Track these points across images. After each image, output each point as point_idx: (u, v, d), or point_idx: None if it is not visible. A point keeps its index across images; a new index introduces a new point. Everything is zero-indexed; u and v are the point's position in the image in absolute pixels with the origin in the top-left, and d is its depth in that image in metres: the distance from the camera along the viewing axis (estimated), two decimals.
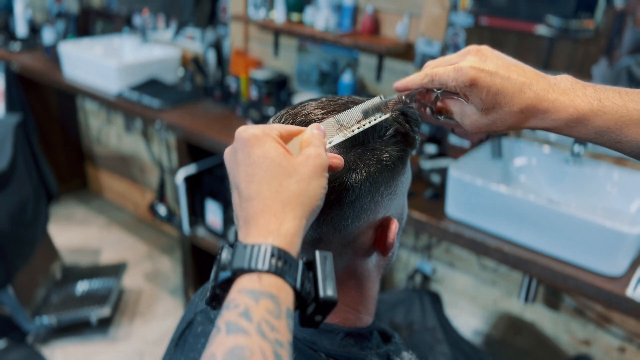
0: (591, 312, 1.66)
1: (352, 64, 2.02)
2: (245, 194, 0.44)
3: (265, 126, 0.48)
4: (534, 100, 0.54)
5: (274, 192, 0.44)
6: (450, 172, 1.37)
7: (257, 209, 0.43)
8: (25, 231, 2.02)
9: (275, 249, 0.41)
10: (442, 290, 1.97)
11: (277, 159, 0.45)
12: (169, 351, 0.76)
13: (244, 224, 0.44)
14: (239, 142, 0.46)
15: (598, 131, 0.53)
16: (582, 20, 1.54)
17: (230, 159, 0.47)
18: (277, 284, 0.41)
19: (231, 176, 0.47)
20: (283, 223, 0.43)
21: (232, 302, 0.40)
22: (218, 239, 2.18)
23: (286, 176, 0.44)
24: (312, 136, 0.49)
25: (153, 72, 2.41)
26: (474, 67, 0.55)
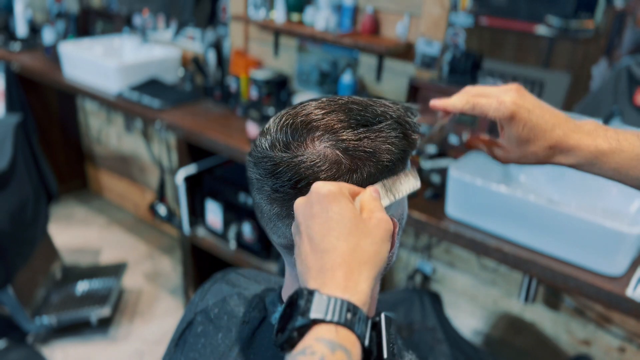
0: (591, 312, 1.66)
1: (352, 64, 2.02)
2: (322, 245, 0.46)
3: (339, 184, 0.51)
4: (562, 138, 0.61)
5: (351, 250, 0.46)
6: (450, 172, 1.37)
7: (334, 262, 0.45)
8: (25, 231, 2.02)
9: (352, 305, 0.43)
10: (442, 290, 1.97)
11: (354, 220, 0.47)
12: (169, 351, 0.77)
13: (317, 273, 0.46)
14: (316, 196, 0.49)
15: (616, 168, 0.60)
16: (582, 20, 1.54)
17: (305, 210, 0.49)
18: (351, 340, 0.43)
19: (303, 226, 0.49)
20: (359, 281, 0.45)
21: (309, 348, 0.41)
22: (218, 239, 2.19)
23: (363, 237, 0.47)
24: (373, 199, 0.51)
25: (153, 72, 2.41)
26: (515, 102, 0.61)
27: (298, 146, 0.55)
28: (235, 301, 0.72)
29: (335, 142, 0.54)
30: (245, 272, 0.82)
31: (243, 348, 0.66)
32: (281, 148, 0.55)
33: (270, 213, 0.58)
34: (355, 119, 0.56)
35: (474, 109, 0.63)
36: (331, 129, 0.55)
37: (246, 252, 2.10)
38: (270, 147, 0.56)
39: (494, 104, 0.62)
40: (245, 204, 2.01)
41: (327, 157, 0.54)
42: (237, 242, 2.11)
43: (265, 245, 2.03)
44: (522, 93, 0.62)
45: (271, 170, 0.56)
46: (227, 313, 0.71)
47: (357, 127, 0.55)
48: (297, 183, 0.54)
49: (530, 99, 0.62)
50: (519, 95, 0.62)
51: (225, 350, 0.68)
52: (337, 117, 0.56)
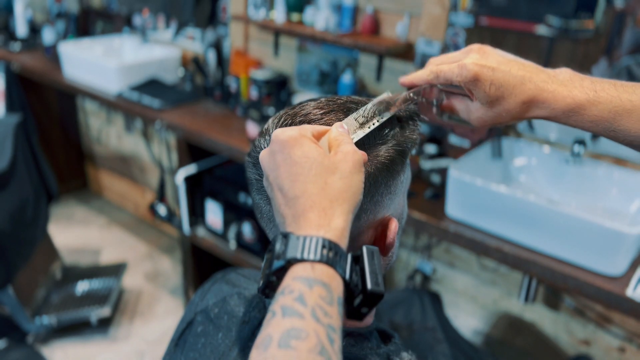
0: (591, 312, 1.66)
1: (352, 64, 2.02)
2: (292, 193, 0.46)
3: (299, 127, 0.50)
4: (534, 92, 0.58)
5: (320, 189, 0.46)
6: (450, 172, 1.37)
7: (305, 206, 0.45)
8: (25, 231, 2.02)
9: (326, 241, 0.44)
10: (442, 290, 1.97)
11: (318, 158, 0.47)
12: (169, 351, 0.77)
13: (292, 220, 0.46)
14: (277, 144, 0.49)
15: (593, 120, 0.57)
16: (582, 20, 1.54)
17: (269, 161, 0.49)
18: (329, 274, 0.43)
19: (272, 178, 0.49)
20: (332, 218, 0.45)
21: (287, 288, 0.42)
22: (218, 239, 2.19)
23: (330, 174, 0.47)
24: (340, 134, 0.51)
25: (153, 72, 2.41)
26: (477, 63, 0.59)
27: None
28: (235, 301, 0.72)
29: None
30: (245, 272, 0.82)
31: (243, 348, 0.66)
32: None
33: (270, 213, 0.58)
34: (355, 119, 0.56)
35: (438, 77, 0.62)
36: None
37: (246, 252, 2.10)
38: None
39: (455, 69, 0.60)
40: (245, 204, 2.01)
41: None
42: (237, 242, 2.11)
43: (265, 245, 2.03)
44: (484, 51, 0.61)
45: None
46: (227, 313, 0.71)
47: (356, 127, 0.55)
48: None
49: (493, 56, 0.60)
50: (481, 54, 0.60)
51: (225, 350, 0.68)
52: (336, 117, 0.56)
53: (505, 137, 1.64)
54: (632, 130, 0.56)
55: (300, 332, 0.39)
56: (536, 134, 1.67)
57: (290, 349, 0.38)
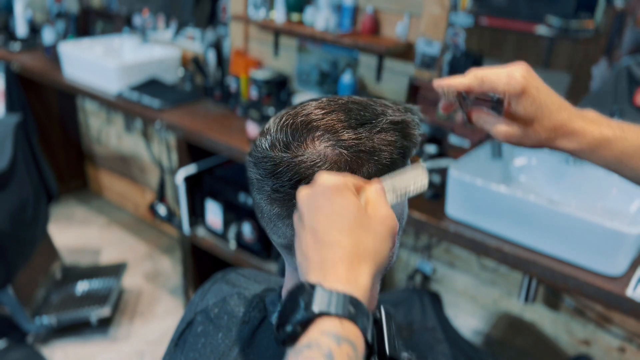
0: (591, 312, 1.66)
1: (352, 64, 2.02)
2: (325, 239, 0.46)
3: (344, 177, 0.50)
4: (567, 121, 0.60)
5: (353, 244, 0.45)
6: (450, 172, 1.37)
7: (335, 257, 0.45)
8: (25, 231, 2.02)
9: (355, 299, 0.43)
10: (442, 290, 1.97)
11: (357, 213, 0.47)
12: (169, 351, 0.77)
13: (318, 266, 0.45)
14: (320, 188, 0.48)
15: (618, 155, 0.60)
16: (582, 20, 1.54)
17: (309, 202, 0.49)
18: (356, 333, 0.42)
19: (307, 218, 0.48)
20: (360, 275, 0.45)
21: (315, 341, 0.41)
22: (218, 239, 2.19)
23: (365, 232, 0.47)
24: (378, 195, 0.51)
25: (153, 72, 2.41)
26: (526, 77, 0.59)
27: (298, 146, 0.55)
28: (235, 301, 0.72)
29: (336, 142, 0.54)
30: (245, 272, 0.82)
31: (243, 348, 0.66)
32: (281, 148, 0.55)
33: (271, 213, 0.58)
34: (355, 119, 0.56)
35: (482, 83, 0.61)
36: (331, 129, 0.55)
37: (246, 252, 2.10)
38: (271, 147, 0.56)
39: (504, 78, 0.59)
40: (245, 204, 2.01)
41: (327, 156, 0.54)
42: (237, 242, 2.11)
43: (265, 245, 2.03)
44: (531, 70, 0.61)
45: (271, 171, 0.56)
46: (227, 313, 0.71)
47: (357, 127, 0.55)
48: (297, 183, 0.54)
49: (538, 78, 0.61)
50: (529, 72, 0.60)
51: (225, 350, 0.68)
52: (337, 117, 0.56)
53: None
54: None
55: None
56: None
57: None
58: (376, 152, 0.55)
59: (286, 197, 0.55)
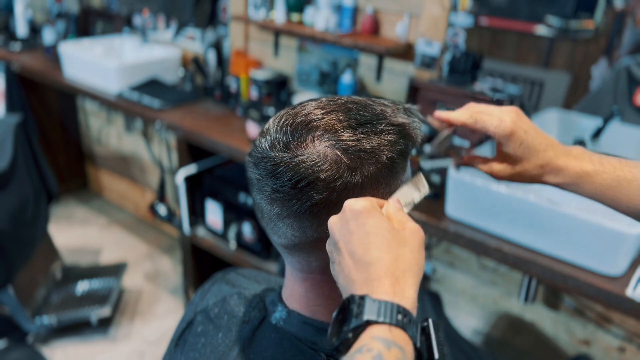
0: (591, 312, 1.66)
1: (352, 64, 2.02)
2: (366, 258, 0.48)
3: (369, 199, 0.53)
4: (553, 159, 0.68)
5: (393, 259, 0.48)
6: (450, 172, 1.37)
7: (380, 273, 0.47)
8: (25, 231, 2.02)
9: (402, 307, 0.46)
10: (442, 290, 1.97)
11: (391, 231, 0.50)
12: (169, 351, 0.77)
13: (364, 284, 0.48)
14: (350, 213, 0.51)
15: (598, 188, 0.66)
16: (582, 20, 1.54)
17: (342, 228, 0.51)
18: (404, 339, 0.45)
19: (342, 243, 0.51)
20: (405, 288, 0.47)
21: (365, 346, 0.43)
22: (218, 239, 2.19)
23: (401, 246, 0.49)
24: (398, 210, 0.54)
25: (153, 72, 2.41)
26: (515, 122, 0.68)
27: (298, 146, 0.55)
28: (235, 301, 0.73)
29: (336, 142, 0.54)
30: (245, 272, 0.82)
31: (243, 348, 0.66)
32: (281, 148, 0.55)
33: (271, 213, 0.58)
34: (355, 119, 0.56)
35: (476, 123, 0.69)
36: (331, 129, 0.55)
37: (246, 252, 2.10)
38: (270, 147, 0.56)
39: (495, 121, 0.68)
40: (245, 204, 2.01)
41: (327, 156, 0.54)
42: (237, 242, 2.11)
43: (265, 245, 2.03)
44: (520, 115, 0.69)
45: (271, 171, 0.56)
46: (227, 313, 0.72)
47: (356, 127, 0.55)
48: (297, 183, 0.54)
49: (527, 121, 0.69)
50: (518, 116, 0.68)
51: (225, 350, 0.68)
52: (336, 117, 0.56)
53: None
54: (632, 198, 0.64)
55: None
56: None
57: None
58: (376, 152, 0.55)
59: (286, 197, 0.55)
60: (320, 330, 0.62)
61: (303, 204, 0.55)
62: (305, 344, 0.62)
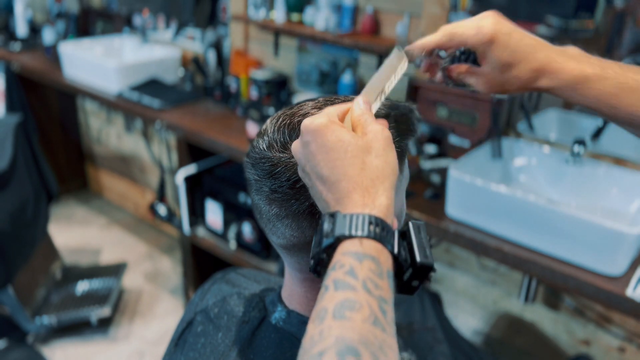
0: (591, 312, 1.66)
1: (352, 64, 2.02)
2: (332, 178, 0.47)
3: (326, 113, 0.50)
4: (545, 60, 0.60)
5: (359, 170, 0.46)
6: (450, 172, 1.37)
7: (348, 188, 0.46)
8: (25, 231, 2.02)
9: (372, 217, 0.44)
10: (442, 290, 1.97)
11: (352, 141, 0.47)
12: (169, 351, 0.77)
13: (336, 203, 0.47)
14: (308, 135, 0.49)
15: (597, 95, 0.59)
16: (582, 20, 1.54)
17: (304, 152, 0.49)
18: (377, 248, 0.44)
19: (308, 167, 0.49)
20: (376, 196, 0.46)
21: (338, 263, 0.43)
22: (218, 239, 2.19)
23: (365, 154, 0.47)
24: (362, 113, 0.51)
25: (153, 72, 2.41)
26: (494, 26, 0.60)
27: None
28: (235, 301, 0.72)
29: None
30: (245, 272, 0.82)
31: (243, 348, 0.66)
32: (279, 148, 0.55)
33: (269, 214, 0.58)
34: None
35: (452, 39, 0.62)
36: None
37: (246, 252, 2.10)
38: (268, 148, 0.56)
39: (472, 30, 0.60)
40: (245, 204, 2.01)
41: None
42: (237, 242, 2.11)
43: (265, 245, 2.03)
44: (499, 18, 0.61)
45: (269, 171, 0.56)
46: (227, 313, 0.71)
47: None
48: (295, 183, 0.54)
49: (508, 23, 0.62)
50: (497, 19, 0.61)
51: (225, 350, 0.68)
52: None
53: (505, 137, 1.64)
54: (633, 108, 0.58)
55: (353, 303, 0.40)
56: (536, 134, 1.67)
57: (345, 319, 0.39)
58: None
59: (285, 198, 0.55)
60: None
61: (301, 204, 0.55)
62: None
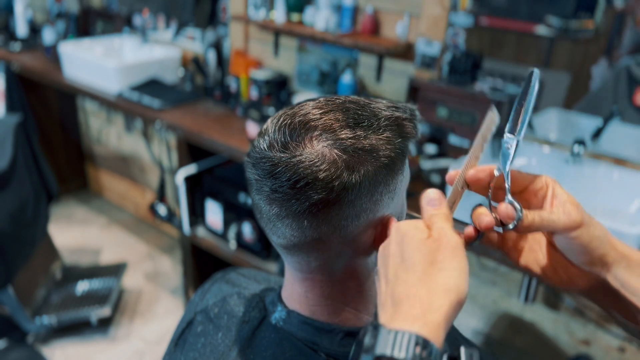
0: (591, 312, 1.66)
1: (352, 64, 2.02)
2: (393, 280, 0.45)
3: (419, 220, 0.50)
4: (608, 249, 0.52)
5: (417, 279, 0.44)
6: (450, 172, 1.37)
7: (403, 294, 0.43)
8: (26, 231, 2.02)
9: (420, 338, 0.40)
10: None
11: (421, 248, 0.46)
12: (169, 351, 0.77)
13: (391, 305, 0.44)
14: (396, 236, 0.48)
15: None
16: (582, 20, 1.54)
17: (383, 250, 0.50)
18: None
19: (381, 264, 0.49)
20: (429, 310, 0.42)
21: None
22: (218, 239, 2.19)
23: (428, 264, 0.44)
24: (432, 216, 0.50)
25: (153, 72, 2.41)
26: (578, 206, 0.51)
27: (296, 146, 0.55)
28: (235, 301, 0.72)
29: (334, 142, 0.54)
30: (245, 271, 0.82)
31: (243, 347, 0.66)
32: (279, 148, 0.55)
33: (270, 214, 0.58)
34: (353, 118, 0.56)
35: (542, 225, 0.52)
36: (329, 129, 0.55)
37: (246, 252, 2.10)
38: (269, 148, 0.56)
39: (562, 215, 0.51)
40: (245, 204, 2.01)
41: (325, 156, 0.54)
42: (237, 242, 2.11)
43: (265, 245, 2.03)
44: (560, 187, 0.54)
45: (270, 171, 0.56)
46: (227, 312, 0.71)
47: (354, 126, 0.55)
48: (296, 183, 0.54)
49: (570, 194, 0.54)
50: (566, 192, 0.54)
51: (225, 350, 0.68)
52: (334, 117, 0.56)
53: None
54: None
55: None
56: (536, 134, 1.67)
57: None
58: (374, 151, 0.55)
59: (285, 198, 0.55)
60: (320, 330, 0.62)
61: (302, 204, 0.55)
62: (305, 343, 0.62)
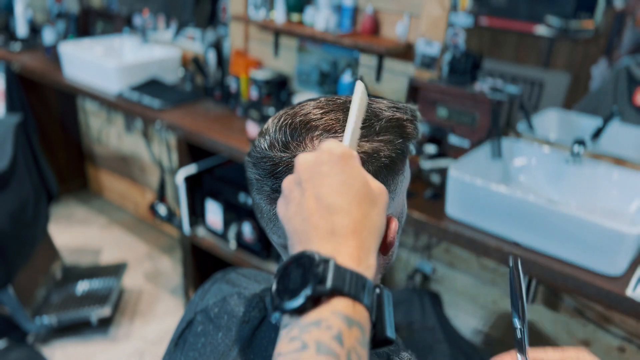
0: (591, 312, 1.66)
1: (352, 64, 2.02)
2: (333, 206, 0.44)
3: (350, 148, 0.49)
4: None
5: (362, 217, 0.44)
6: (450, 172, 1.37)
7: (347, 229, 0.43)
8: (26, 231, 2.02)
9: (369, 282, 0.42)
10: (442, 290, 1.97)
11: (366, 186, 0.46)
12: (169, 351, 0.77)
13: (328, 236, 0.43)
14: (328, 156, 0.46)
15: None
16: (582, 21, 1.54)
17: (313, 168, 0.46)
18: (365, 316, 0.41)
19: (310, 184, 0.46)
20: (368, 254, 0.44)
21: (324, 321, 0.39)
22: (218, 239, 2.19)
23: (371, 206, 0.45)
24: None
25: (153, 72, 2.41)
26: None
27: (297, 146, 0.55)
28: (235, 301, 0.72)
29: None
30: (245, 271, 0.82)
31: (243, 347, 0.66)
32: (280, 148, 0.55)
33: (270, 213, 0.58)
34: None
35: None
36: (330, 129, 0.55)
37: (246, 252, 2.10)
38: (269, 147, 0.56)
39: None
40: (245, 204, 2.01)
41: None
42: (237, 242, 2.11)
43: (265, 245, 2.03)
44: None
45: (270, 171, 0.56)
46: (227, 312, 0.72)
47: None
48: None
49: None
50: None
51: (225, 350, 0.68)
52: (335, 117, 0.56)
53: (505, 137, 1.64)
54: None
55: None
56: (536, 134, 1.67)
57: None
58: (375, 151, 0.55)
59: None
60: None
61: None
62: None
